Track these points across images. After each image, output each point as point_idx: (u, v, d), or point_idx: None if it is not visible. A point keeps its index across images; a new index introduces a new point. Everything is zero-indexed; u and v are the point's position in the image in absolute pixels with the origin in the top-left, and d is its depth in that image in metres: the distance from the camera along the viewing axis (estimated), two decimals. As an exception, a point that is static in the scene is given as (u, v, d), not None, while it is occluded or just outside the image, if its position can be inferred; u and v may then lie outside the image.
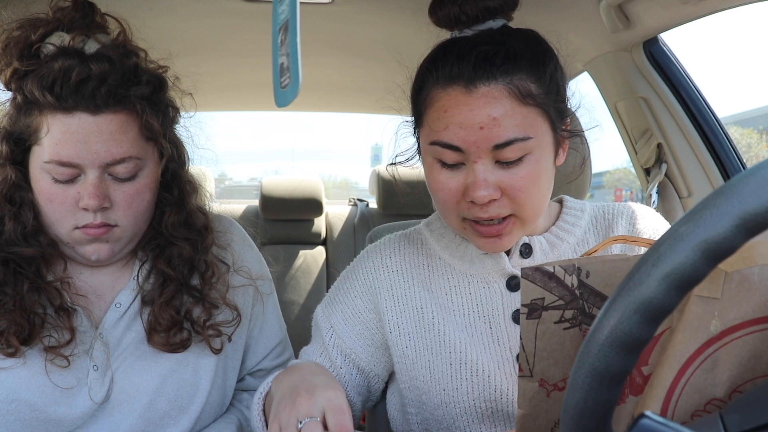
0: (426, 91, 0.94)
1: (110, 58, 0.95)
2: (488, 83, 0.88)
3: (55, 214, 0.96)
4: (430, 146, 0.93)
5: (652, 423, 0.43)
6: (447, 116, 0.90)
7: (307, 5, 1.55)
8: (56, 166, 0.93)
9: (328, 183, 29.34)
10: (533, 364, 0.66)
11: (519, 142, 0.88)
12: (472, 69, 0.88)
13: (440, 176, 0.93)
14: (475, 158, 0.89)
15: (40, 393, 0.97)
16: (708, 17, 1.37)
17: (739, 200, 0.41)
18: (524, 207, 0.92)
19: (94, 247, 0.98)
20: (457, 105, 0.89)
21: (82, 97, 0.92)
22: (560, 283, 0.66)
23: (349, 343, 1.06)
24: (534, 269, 0.66)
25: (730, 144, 1.67)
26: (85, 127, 0.92)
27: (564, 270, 0.66)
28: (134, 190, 0.98)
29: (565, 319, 0.66)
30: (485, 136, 0.87)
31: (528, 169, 0.90)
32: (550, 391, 0.67)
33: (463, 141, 0.88)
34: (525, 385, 0.67)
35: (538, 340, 0.66)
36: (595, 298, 0.66)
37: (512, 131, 0.88)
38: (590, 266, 0.66)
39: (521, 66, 0.89)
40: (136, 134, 0.97)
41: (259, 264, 1.19)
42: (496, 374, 0.98)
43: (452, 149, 0.90)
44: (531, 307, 0.66)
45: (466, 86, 0.89)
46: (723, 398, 0.59)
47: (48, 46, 0.95)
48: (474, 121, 0.88)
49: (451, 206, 0.94)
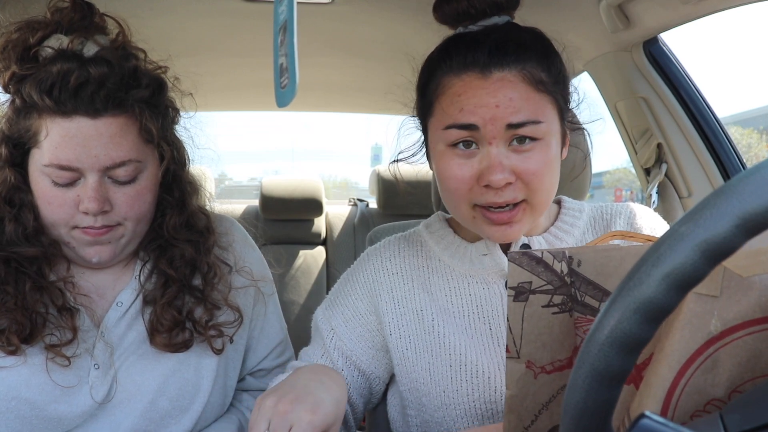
0: (437, 81, 0.95)
1: (109, 62, 0.95)
2: (502, 69, 0.90)
3: (54, 216, 0.96)
4: (443, 132, 0.93)
5: (651, 423, 0.43)
6: (462, 99, 0.91)
7: (307, 5, 1.55)
8: (56, 170, 0.93)
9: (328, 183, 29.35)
10: (520, 346, 0.67)
11: (532, 124, 0.90)
12: (487, 55, 0.90)
13: (453, 164, 0.93)
14: (490, 138, 0.90)
15: (41, 391, 0.97)
16: (708, 17, 1.37)
17: (739, 200, 0.41)
18: (537, 192, 0.93)
19: (95, 249, 0.98)
20: (473, 89, 0.90)
21: (81, 101, 0.92)
22: (548, 268, 0.66)
23: (350, 345, 1.06)
24: (521, 254, 0.67)
25: (730, 144, 1.67)
26: (84, 131, 0.92)
27: (553, 256, 0.66)
28: (134, 193, 0.98)
29: (554, 303, 0.67)
30: (500, 113, 0.89)
31: (540, 155, 0.91)
32: (537, 374, 0.68)
33: (480, 118, 0.90)
34: (512, 366, 0.68)
35: (525, 323, 0.67)
36: (588, 287, 0.66)
37: (525, 113, 0.90)
38: (582, 255, 0.67)
39: (531, 56, 0.92)
40: (136, 137, 0.96)
41: (261, 265, 1.19)
42: (496, 375, 0.98)
43: (467, 129, 0.91)
44: (518, 290, 0.67)
45: (481, 71, 0.91)
46: (723, 398, 0.59)
47: (46, 49, 0.95)
48: (489, 101, 0.90)
49: (462, 194, 0.94)
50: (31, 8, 1.00)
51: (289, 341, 1.24)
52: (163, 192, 1.05)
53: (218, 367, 1.08)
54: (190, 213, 1.07)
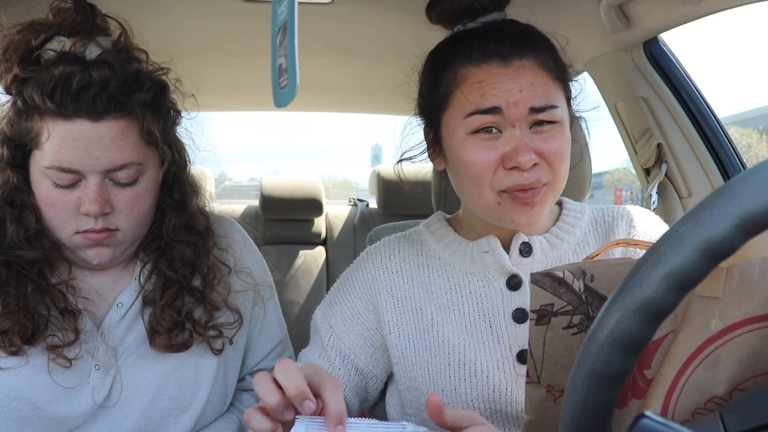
0: (453, 72, 0.96)
1: (111, 65, 0.95)
2: (521, 58, 0.94)
3: (56, 219, 0.96)
4: (464, 120, 0.94)
5: (652, 423, 0.43)
6: (484, 86, 0.93)
7: (306, 5, 1.54)
8: (57, 172, 0.93)
9: (328, 183, 29.32)
10: (541, 371, 0.66)
11: (551, 109, 0.93)
12: (509, 45, 0.94)
13: (477, 149, 0.94)
14: (514, 121, 0.92)
15: (42, 392, 0.97)
16: (708, 17, 1.37)
17: (739, 200, 0.41)
18: (558, 174, 0.95)
19: (95, 252, 0.99)
20: (494, 75, 0.93)
21: (83, 104, 0.92)
22: (569, 288, 0.65)
23: (348, 344, 1.06)
24: (544, 274, 0.66)
25: (730, 144, 1.66)
26: (85, 134, 0.92)
27: (573, 275, 0.65)
28: (135, 195, 0.98)
29: (573, 324, 0.66)
30: (524, 97, 0.92)
31: (559, 137, 0.95)
32: (557, 397, 0.67)
33: (504, 101, 0.92)
34: (532, 391, 0.66)
35: (546, 346, 0.66)
36: (600, 302, 0.65)
37: (546, 98, 0.93)
38: (595, 270, 0.66)
39: (541, 46, 0.96)
40: (137, 140, 0.97)
41: (261, 266, 1.19)
42: (495, 374, 0.98)
43: (492, 113, 0.93)
44: (540, 313, 0.65)
45: (502, 60, 0.93)
46: (723, 396, 0.59)
47: (48, 51, 0.94)
48: (512, 86, 0.92)
49: (487, 179, 0.94)
50: (33, 9, 1.00)
51: (288, 341, 1.24)
52: (163, 194, 1.05)
53: (218, 366, 1.08)
54: (190, 214, 1.07)
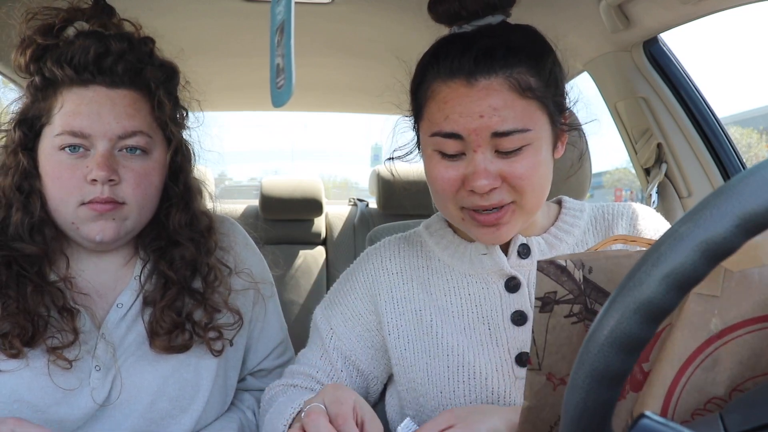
0: (427, 85, 0.95)
1: (129, 39, 0.99)
2: (489, 77, 0.89)
3: (62, 191, 0.97)
4: (430, 138, 0.94)
5: (652, 423, 0.43)
6: (447, 107, 0.91)
7: (306, 5, 1.54)
8: (67, 137, 0.95)
9: (328, 183, 29.29)
10: (542, 358, 0.66)
11: (518, 133, 0.89)
12: (473, 62, 0.90)
13: (439, 166, 0.94)
14: (475, 147, 0.90)
15: (42, 394, 0.97)
16: (708, 17, 1.37)
17: (739, 200, 0.41)
18: (525, 194, 0.92)
19: (99, 226, 0.98)
20: (458, 96, 0.90)
21: (100, 70, 0.96)
22: (570, 277, 0.66)
23: (349, 345, 1.06)
24: (548, 262, 0.66)
25: (730, 144, 1.66)
26: (99, 99, 0.96)
27: (574, 264, 0.66)
28: (142, 169, 0.99)
29: (573, 313, 0.66)
30: (485, 123, 0.88)
31: (527, 159, 0.91)
32: (557, 385, 0.67)
33: (464, 128, 0.89)
34: (533, 377, 0.67)
35: (548, 334, 0.66)
36: (598, 294, 0.66)
37: (511, 122, 0.89)
38: (593, 262, 0.66)
39: (521, 60, 0.90)
40: (147, 114, 1.00)
41: (261, 267, 1.19)
42: (494, 376, 0.98)
43: (453, 138, 0.91)
44: (544, 300, 0.66)
45: (467, 79, 0.90)
46: (723, 397, 0.59)
47: (70, 29, 0.98)
48: (474, 110, 0.89)
49: (449, 195, 0.94)
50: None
51: (289, 342, 1.24)
52: (169, 180, 1.06)
53: (218, 367, 1.08)
54: (194, 213, 1.08)
